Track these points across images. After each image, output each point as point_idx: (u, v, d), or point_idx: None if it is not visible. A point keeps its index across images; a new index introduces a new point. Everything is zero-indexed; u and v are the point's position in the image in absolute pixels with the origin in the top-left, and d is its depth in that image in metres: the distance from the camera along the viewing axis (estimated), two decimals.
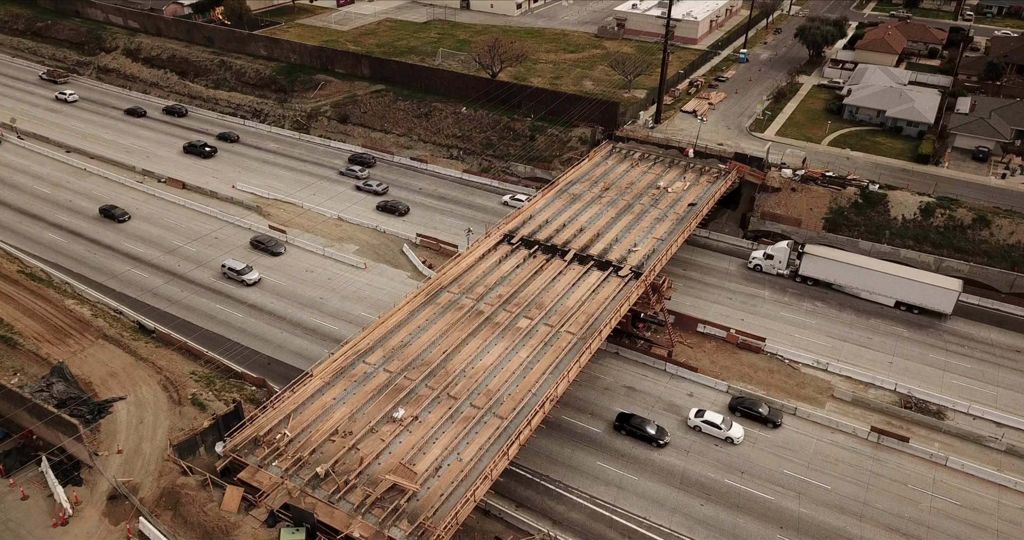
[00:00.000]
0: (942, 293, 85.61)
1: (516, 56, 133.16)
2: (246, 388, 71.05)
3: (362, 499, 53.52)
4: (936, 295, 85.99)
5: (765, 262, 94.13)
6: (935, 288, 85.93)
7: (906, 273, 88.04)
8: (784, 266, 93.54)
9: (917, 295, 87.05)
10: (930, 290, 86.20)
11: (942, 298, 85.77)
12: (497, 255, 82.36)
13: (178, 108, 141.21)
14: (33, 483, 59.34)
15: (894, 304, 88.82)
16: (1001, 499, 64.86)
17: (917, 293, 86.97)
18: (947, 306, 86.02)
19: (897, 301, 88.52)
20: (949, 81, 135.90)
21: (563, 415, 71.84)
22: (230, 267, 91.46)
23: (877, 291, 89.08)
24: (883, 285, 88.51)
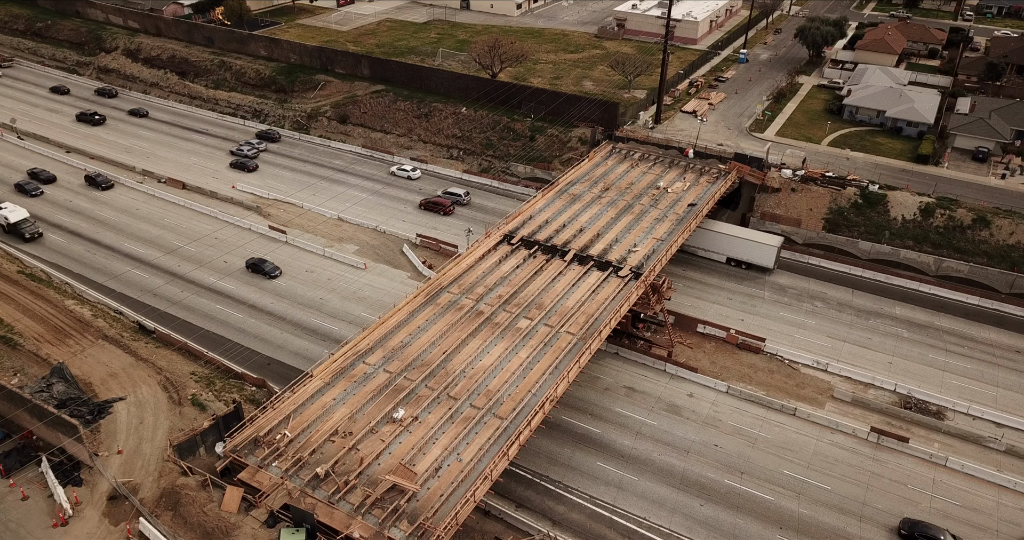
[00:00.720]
0: (764, 249, 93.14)
1: (516, 56, 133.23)
2: (246, 388, 71.08)
3: (362, 499, 53.52)
4: (759, 251, 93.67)
5: None
6: (757, 244, 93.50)
7: (733, 231, 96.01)
8: None
9: (743, 251, 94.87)
10: (753, 246, 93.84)
11: (764, 254, 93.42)
12: (497, 255, 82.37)
13: (109, 89, 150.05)
14: (33, 483, 59.36)
15: (726, 261, 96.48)
16: (1001, 499, 64.90)
17: (743, 249, 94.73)
18: (769, 261, 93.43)
19: (728, 258, 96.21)
20: (949, 81, 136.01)
21: (563, 415, 71.87)
22: None
23: (712, 249, 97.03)
24: (716, 243, 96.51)
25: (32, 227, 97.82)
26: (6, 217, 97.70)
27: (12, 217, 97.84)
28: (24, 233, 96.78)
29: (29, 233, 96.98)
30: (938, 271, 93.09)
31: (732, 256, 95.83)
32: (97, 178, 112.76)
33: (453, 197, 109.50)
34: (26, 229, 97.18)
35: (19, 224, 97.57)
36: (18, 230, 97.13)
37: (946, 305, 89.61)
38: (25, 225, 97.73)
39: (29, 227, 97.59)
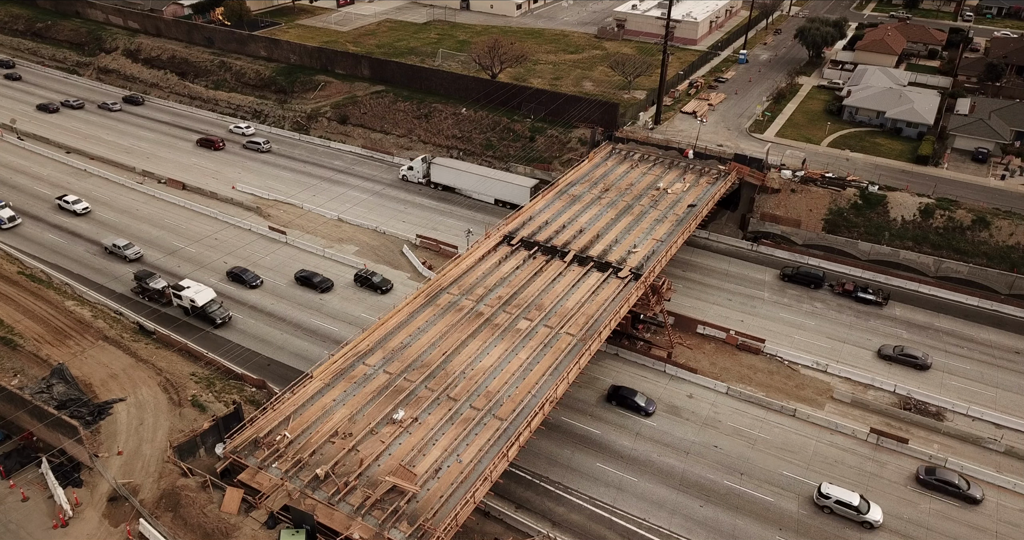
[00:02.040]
0: (519, 189, 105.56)
1: (516, 57, 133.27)
2: (246, 389, 71.13)
3: (362, 501, 53.59)
4: (515, 191, 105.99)
5: (409, 173, 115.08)
6: (513, 186, 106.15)
7: (495, 175, 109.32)
8: (421, 176, 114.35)
9: (504, 192, 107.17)
10: (511, 187, 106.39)
11: (519, 193, 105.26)
12: (497, 256, 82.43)
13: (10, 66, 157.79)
14: (33, 485, 59.40)
15: (494, 202, 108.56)
16: (1000, 500, 64.92)
17: (504, 191, 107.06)
18: (524, 200, 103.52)
19: (495, 199, 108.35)
20: (949, 82, 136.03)
21: (563, 416, 71.90)
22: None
23: (481, 191, 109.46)
24: (484, 186, 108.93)
25: (221, 310, 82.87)
26: (192, 299, 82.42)
27: (199, 299, 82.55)
28: (215, 318, 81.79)
29: (220, 318, 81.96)
30: (937, 272, 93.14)
31: (496, 197, 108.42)
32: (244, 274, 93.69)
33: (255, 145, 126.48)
34: (216, 313, 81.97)
35: (207, 307, 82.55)
36: (207, 314, 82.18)
37: (945, 306, 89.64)
38: (213, 308, 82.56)
39: (218, 310, 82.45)
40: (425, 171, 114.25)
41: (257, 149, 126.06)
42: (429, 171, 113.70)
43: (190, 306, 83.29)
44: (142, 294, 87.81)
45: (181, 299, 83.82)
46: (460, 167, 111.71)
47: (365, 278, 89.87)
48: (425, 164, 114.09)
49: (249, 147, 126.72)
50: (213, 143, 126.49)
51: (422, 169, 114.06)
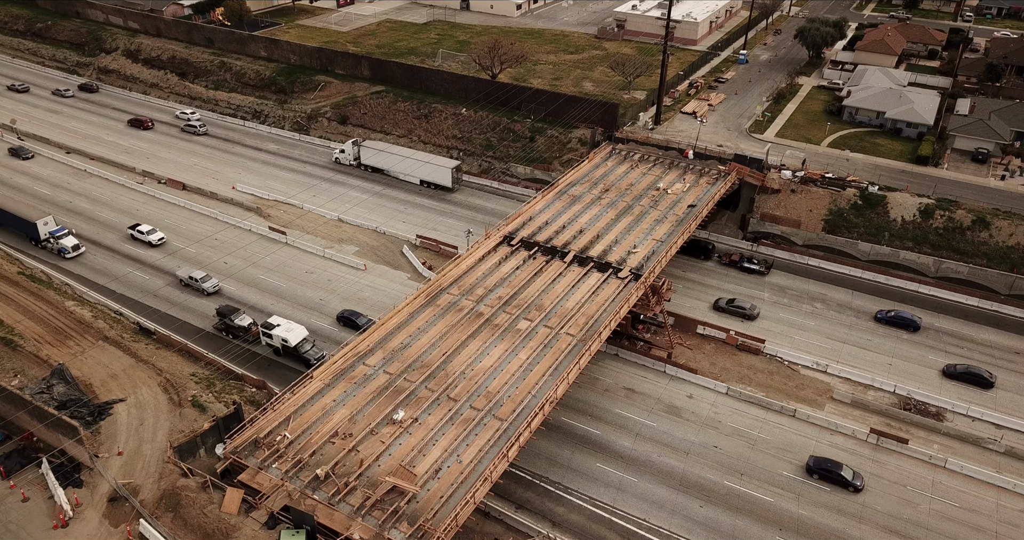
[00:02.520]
0: (441, 171, 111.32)
1: (516, 57, 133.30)
2: (246, 390, 71.16)
3: (362, 501, 53.62)
4: (438, 173, 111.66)
5: (341, 156, 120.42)
6: (436, 167, 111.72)
7: (418, 157, 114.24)
8: (352, 158, 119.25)
9: (429, 174, 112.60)
10: (434, 169, 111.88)
11: (443, 175, 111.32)
12: (497, 257, 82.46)
13: None
14: (34, 485, 59.44)
15: (419, 182, 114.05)
16: (1000, 501, 64.94)
17: (427, 172, 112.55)
18: (447, 181, 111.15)
19: (421, 180, 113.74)
20: (948, 82, 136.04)
21: (563, 417, 71.91)
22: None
23: (408, 172, 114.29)
24: (409, 167, 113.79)
25: (315, 349, 77.01)
26: (284, 338, 76.60)
27: (292, 338, 76.53)
28: (309, 358, 75.43)
29: (315, 358, 75.13)
30: (937, 272, 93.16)
31: (422, 178, 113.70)
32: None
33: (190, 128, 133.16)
34: (310, 353, 75.94)
35: (300, 346, 76.59)
36: (300, 354, 76.17)
37: (945, 306, 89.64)
38: (307, 348, 76.65)
39: (312, 349, 76.56)
40: (356, 154, 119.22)
41: (193, 131, 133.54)
42: (359, 154, 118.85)
43: (281, 345, 76.89)
44: (225, 331, 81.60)
45: (271, 337, 77.34)
46: (387, 149, 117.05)
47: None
48: (356, 147, 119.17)
49: (187, 130, 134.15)
50: (143, 123, 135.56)
51: (353, 152, 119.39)
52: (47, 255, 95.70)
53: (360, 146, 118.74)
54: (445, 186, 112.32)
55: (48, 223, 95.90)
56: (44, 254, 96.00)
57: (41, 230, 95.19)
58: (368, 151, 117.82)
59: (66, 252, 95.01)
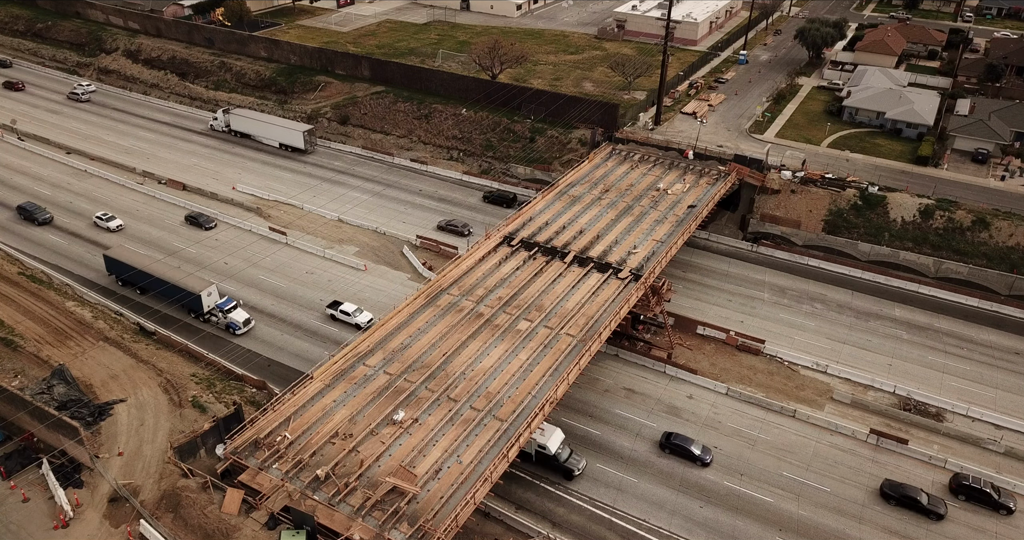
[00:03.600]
0: (293, 134, 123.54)
1: (516, 58, 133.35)
2: (246, 390, 71.20)
3: (362, 501, 53.67)
4: (291, 135, 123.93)
5: (215, 123, 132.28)
6: (288, 130, 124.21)
7: (275, 121, 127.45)
8: (224, 125, 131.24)
9: (283, 136, 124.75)
10: (287, 132, 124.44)
11: (295, 137, 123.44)
12: (497, 257, 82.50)
13: None
14: (34, 486, 59.49)
15: (279, 145, 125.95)
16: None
17: (282, 135, 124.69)
18: (300, 143, 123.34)
19: (280, 143, 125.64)
20: (948, 83, 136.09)
21: (563, 417, 71.93)
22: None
23: (270, 136, 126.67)
24: (268, 131, 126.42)
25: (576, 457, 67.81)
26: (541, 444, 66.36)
27: (552, 444, 66.70)
28: (573, 469, 66.35)
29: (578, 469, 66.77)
30: (937, 273, 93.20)
31: (279, 140, 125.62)
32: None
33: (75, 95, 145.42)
34: (571, 462, 66.83)
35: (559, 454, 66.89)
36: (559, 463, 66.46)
37: (945, 307, 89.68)
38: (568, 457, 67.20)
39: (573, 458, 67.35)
40: (226, 121, 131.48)
41: (76, 98, 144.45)
42: (229, 121, 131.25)
43: (535, 452, 66.74)
44: None
45: None
46: (251, 116, 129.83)
47: None
48: (226, 115, 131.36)
49: (71, 97, 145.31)
50: (15, 85, 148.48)
51: (224, 119, 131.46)
52: (213, 329, 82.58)
53: (230, 114, 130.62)
54: (299, 148, 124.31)
55: (212, 293, 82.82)
56: (209, 327, 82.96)
57: (205, 302, 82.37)
58: (236, 118, 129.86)
59: (236, 328, 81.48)
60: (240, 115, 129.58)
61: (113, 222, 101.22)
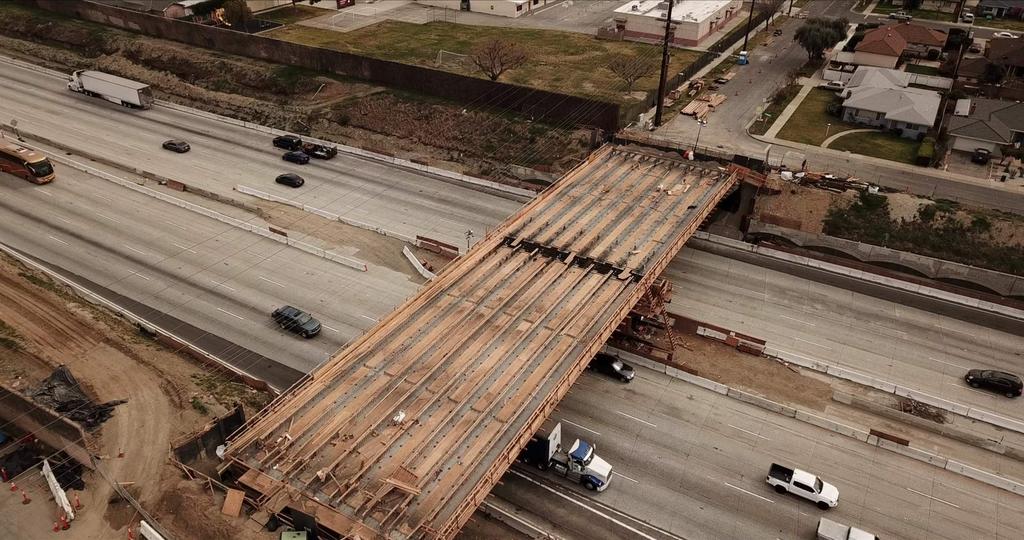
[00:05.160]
0: (130, 92, 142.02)
1: (516, 58, 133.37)
2: (247, 391, 71.25)
3: (363, 503, 53.68)
4: (129, 94, 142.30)
5: (72, 85, 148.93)
6: (128, 89, 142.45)
7: (115, 81, 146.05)
8: (79, 86, 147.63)
9: (125, 94, 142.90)
10: (127, 90, 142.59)
11: (131, 95, 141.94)
12: (497, 258, 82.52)
13: None
14: (35, 487, 59.53)
15: (121, 102, 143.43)
16: (1000, 502, 64.98)
17: (125, 93, 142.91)
18: (135, 100, 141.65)
19: (121, 100, 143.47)
20: (949, 83, 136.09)
21: (563, 418, 71.92)
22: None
23: (114, 95, 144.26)
24: (114, 91, 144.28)
25: None
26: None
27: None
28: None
29: None
30: (938, 273, 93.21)
31: (121, 98, 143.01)
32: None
33: None
34: None
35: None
36: None
37: (946, 307, 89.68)
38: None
39: None
40: (80, 82, 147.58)
41: None
42: (83, 82, 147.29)
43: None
44: None
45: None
46: (99, 77, 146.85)
47: None
48: (79, 77, 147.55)
49: None
50: None
51: (78, 81, 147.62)
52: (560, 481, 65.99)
53: (82, 76, 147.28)
54: (135, 104, 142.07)
55: (557, 436, 66.35)
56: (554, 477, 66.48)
57: (551, 448, 65.82)
58: (88, 79, 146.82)
59: (598, 483, 64.72)
60: (91, 76, 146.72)
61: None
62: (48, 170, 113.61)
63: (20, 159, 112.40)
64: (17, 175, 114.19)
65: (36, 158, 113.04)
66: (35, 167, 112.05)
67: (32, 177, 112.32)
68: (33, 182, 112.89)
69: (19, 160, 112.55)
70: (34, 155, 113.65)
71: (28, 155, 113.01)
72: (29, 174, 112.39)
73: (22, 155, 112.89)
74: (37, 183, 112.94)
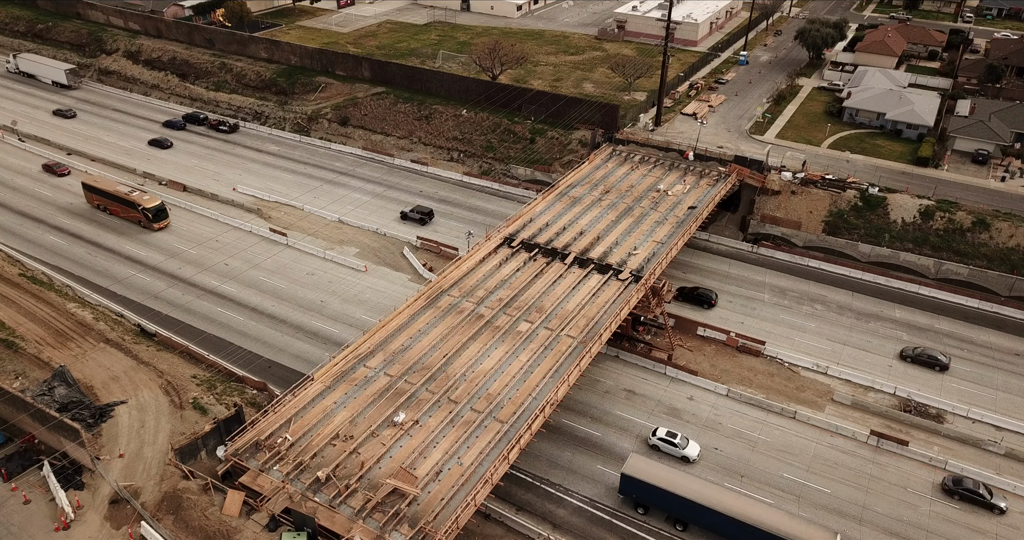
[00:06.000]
0: (59, 72, 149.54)
1: (516, 59, 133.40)
2: (247, 392, 71.26)
3: (363, 503, 53.72)
4: (58, 74, 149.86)
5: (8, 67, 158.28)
6: (57, 70, 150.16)
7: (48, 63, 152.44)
8: (15, 68, 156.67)
9: (55, 75, 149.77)
10: (56, 71, 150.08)
11: (60, 75, 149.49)
12: (497, 258, 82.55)
13: None
14: (35, 487, 59.55)
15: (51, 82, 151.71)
16: (1012, 506, 64.88)
17: (54, 74, 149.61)
18: (63, 79, 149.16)
19: (52, 80, 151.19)
20: (949, 83, 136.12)
21: (563, 419, 71.98)
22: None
23: (46, 75, 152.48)
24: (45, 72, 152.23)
25: None
26: None
27: None
28: None
29: None
30: (938, 274, 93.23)
31: (52, 78, 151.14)
32: None
33: None
34: None
35: None
36: None
37: (946, 308, 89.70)
38: None
39: None
40: (16, 64, 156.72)
41: None
42: (18, 64, 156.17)
43: None
44: None
45: None
46: (33, 59, 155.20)
47: None
48: (15, 59, 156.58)
49: None
50: None
51: (14, 63, 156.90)
52: None
53: (18, 58, 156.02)
54: (64, 83, 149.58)
55: None
56: None
57: None
58: (23, 61, 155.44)
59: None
60: (26, 59, 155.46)
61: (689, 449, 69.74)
62: (165, 215, 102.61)
63: (134, 203, 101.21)
64: (130, 220, 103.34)
65: (151, 202, 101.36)
66: (151, 212, 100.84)
67: (147, 223, 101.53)
68: (148, 228, 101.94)
69: (132, 204, 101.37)
70: (149, 198, 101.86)
71: (143, 198, 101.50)
72: (144, 220, 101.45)
73: (135, 198, 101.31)
74: (153, 229, 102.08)
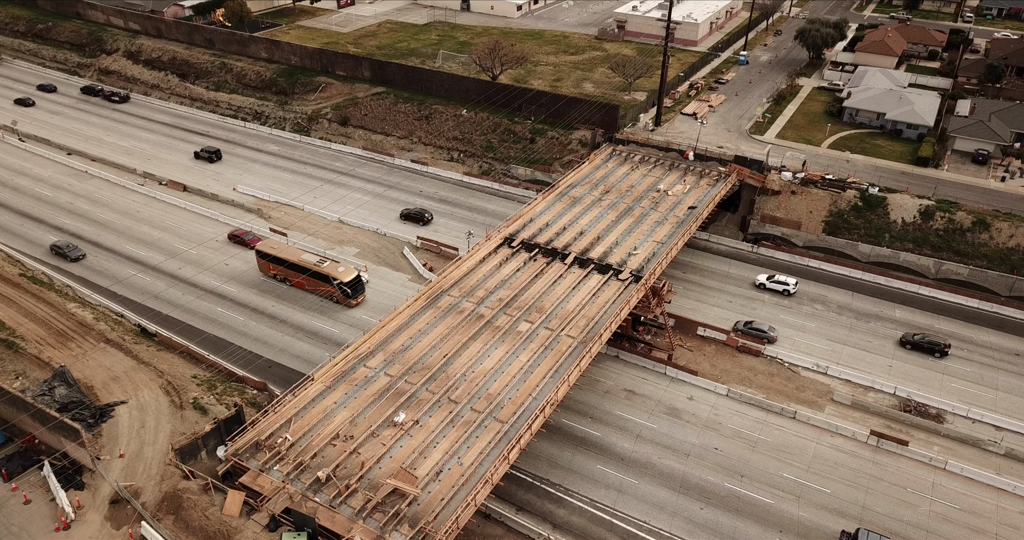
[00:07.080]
0: None
1: (516, 58, 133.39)
2: (247, 392, 71.29)
3: (363, 503, 53.72)
4: None
5: None
6: None
7: None
8: None
9: None
10: None
11: None
12: (498, 258, 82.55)
13: None
14: (35, 488, 59.57)
15: None
16: (1000, 503, 65.01)
17: None
18: None
19: None
20: (949, 83, 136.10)
21: (563, 419, 72.01)
22: None
23: None
24: None
25: None
26: None
27: None
28: None
29: None
30: (938, 274, 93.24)
31: None
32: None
33: None
34: None
35: None
36: None
37: (946, 308, 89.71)
38: None
39: None
40: None
41: None
42: None
43: None
44: None
45: None
46: None
47: None
48: None
49: None
50: None
51: None
52: None
53: None
54: None
55: None
56: None
57: None
58: None
59: None
60: None
61: None
62: (362, 289, 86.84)
63: (326, 276, 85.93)
64: (321, 295, 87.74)
65: (347, 274, 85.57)
66: (347, 285, 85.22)
67: (342, 299, 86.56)
68: (344, 304, 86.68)
69: (325, 277, 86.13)
70: (344, 271, 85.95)
71: (336, 270, 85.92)
72: (339, 295, 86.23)
73: (327, 270, 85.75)
74: (350, 306, 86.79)
